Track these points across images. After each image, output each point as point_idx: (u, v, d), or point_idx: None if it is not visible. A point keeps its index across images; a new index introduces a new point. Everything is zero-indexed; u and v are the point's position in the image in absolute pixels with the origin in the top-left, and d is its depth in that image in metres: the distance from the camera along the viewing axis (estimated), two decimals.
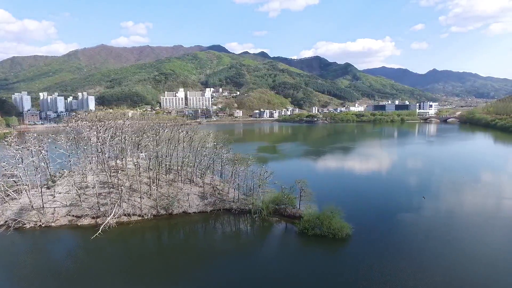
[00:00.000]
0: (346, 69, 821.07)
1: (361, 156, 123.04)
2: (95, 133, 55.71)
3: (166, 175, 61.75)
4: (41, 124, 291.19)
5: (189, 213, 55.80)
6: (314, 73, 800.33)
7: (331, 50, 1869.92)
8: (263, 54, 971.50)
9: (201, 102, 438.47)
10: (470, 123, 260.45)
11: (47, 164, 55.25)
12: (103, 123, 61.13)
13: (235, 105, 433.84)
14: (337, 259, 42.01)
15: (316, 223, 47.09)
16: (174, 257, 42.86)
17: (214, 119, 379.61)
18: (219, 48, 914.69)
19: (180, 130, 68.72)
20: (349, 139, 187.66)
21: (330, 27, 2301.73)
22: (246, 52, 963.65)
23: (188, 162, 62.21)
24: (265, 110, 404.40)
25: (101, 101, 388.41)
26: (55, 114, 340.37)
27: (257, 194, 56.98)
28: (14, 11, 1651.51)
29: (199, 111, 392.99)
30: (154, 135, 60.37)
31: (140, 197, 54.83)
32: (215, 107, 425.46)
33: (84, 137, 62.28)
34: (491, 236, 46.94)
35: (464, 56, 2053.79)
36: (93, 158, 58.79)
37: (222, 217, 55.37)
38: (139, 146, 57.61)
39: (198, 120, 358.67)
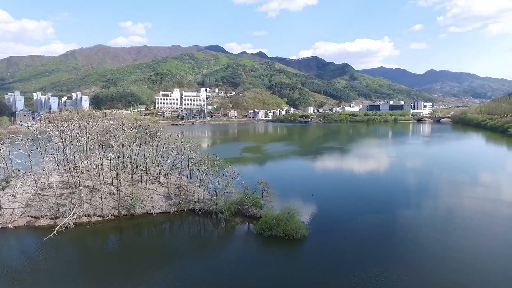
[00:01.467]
0: (344, 69, 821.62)
1: (341, 157, 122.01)
2: (58, 133, 55.17)
3: (131, 175, 61.29)
4: (34, 124, 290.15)
5: (152, 213, 55.32)
6: (312, 73, 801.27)
7: (329, 50, 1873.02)
8: (261, 54, 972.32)
9: (196, 102, 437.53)
10: (462, 123, 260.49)
11: (6, 164, 54.73)
12: (68, 123, 60.58)
13: (230, 105, 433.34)
14: (289, 261, 41.44)
15: (273, 224, 46.64)
16: (133, 258, 42.23)
17: (208, 119, 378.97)
18: (217, 48, 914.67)
19: (147, 130, 68.30)
20: (338, 140, 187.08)
21: (329, 28, 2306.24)
22: (244, 52, 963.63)
23: (152, 162, 61.72)
24: (260, 110, 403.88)
25: (96, 101, 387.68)
26: (48, 114, 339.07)
27: (221, 195, 56.52)
28: (13, 11, 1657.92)
29: (194, 111, 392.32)
30: (120, 135, 59.88)
31: (101, 197, 54.35)
32: (210, 107, 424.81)
33: (51, 136, 61.78)
34: (452, 236, 46.42)
35: (462, 56, 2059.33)
36: (51, 158, 58.19)
37: (186, 218, 54.89)
38: (102, 145, 57.02)
39: (191, 120, 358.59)
